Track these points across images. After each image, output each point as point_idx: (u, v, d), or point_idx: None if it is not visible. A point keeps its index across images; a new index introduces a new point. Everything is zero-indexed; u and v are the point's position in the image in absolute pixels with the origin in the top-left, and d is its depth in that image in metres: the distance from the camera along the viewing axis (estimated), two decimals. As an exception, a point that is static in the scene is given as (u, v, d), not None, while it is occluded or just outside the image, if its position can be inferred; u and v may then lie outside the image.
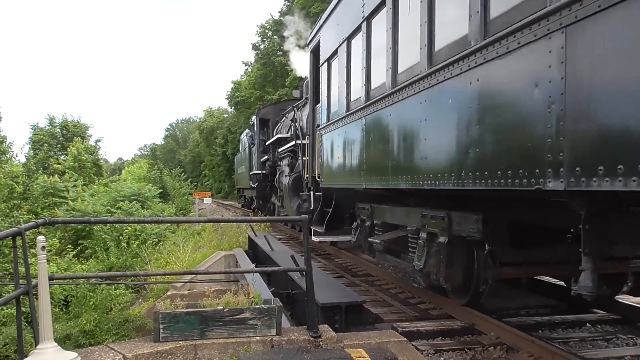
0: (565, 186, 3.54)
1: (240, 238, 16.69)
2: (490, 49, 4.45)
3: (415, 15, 5.94)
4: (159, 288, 13.86)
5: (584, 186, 3.39)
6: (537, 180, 3.83)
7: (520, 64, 4.10)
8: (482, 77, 4.62)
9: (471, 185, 4.77)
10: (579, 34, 3.45)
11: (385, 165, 7.07)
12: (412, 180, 6.07)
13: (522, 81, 4.10)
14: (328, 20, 10.19)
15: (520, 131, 4.08)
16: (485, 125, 4.58)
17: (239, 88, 57.09)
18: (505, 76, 4.36)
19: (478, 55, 4.63)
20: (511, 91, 4.30)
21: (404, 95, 6.32)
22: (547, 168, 3.73)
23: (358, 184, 8.33)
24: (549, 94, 3.70)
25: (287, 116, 18.50)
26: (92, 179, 38.52)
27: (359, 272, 10.27)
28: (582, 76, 3.44)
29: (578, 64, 3.47)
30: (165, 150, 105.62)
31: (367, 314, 6.49)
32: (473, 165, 4.74)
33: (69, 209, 25.18)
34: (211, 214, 33.61)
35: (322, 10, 9.54)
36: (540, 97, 3.80)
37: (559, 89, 3.60)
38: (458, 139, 5.05)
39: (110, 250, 18.18)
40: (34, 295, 4.39)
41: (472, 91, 4.77)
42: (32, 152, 44.43)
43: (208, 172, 78.70)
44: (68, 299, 13.90)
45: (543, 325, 6.20)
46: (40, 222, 4.73)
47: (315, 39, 11.32)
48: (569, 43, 3.53)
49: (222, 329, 4.87)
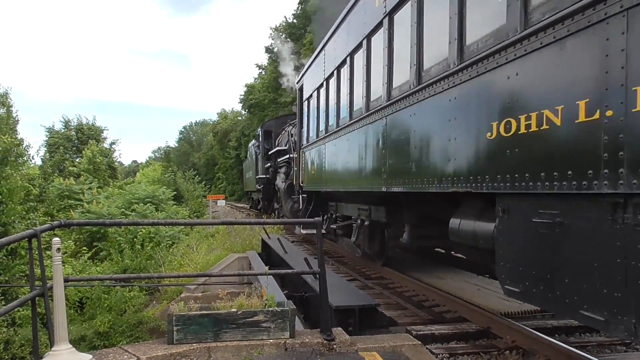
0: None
1: (253, 240, 16.70)
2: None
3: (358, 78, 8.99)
4: (172, 290, 13.93)
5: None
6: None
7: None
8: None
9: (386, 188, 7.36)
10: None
11: (339, 176, 10.30)
12: (355, 185, 9.13)
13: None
14: (308, 70, 13.85)
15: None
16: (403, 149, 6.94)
17: (252, 91, 57.28)
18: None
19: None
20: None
21: (341, 133, 10.00)
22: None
23: (323, 187, 11.76)
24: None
25: (286, 130, 21.60)
26: (107, 182, 38.81)
27: (373, 275, 10.22)
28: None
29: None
30: (179, 153, 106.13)
31: (381, 317, 6.45)
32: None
33: (84, 211, 25.41)
34: (225, 216, 33.71)
35: (334, 14, 11.59)
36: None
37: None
38: (374, 162, 7.99)
39: (125, 252, 18.29)
40: (49, 296, 4.41)
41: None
42: (48, 154, 44.81)
43: (222, 174, 78.93)
44: (83, 300, 14.02)
45: (560, 329, 6.12)
46: (55, 224, 4.76)
47: (301, 81, 14.93)
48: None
49: (235, 332, 4.86)
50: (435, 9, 5.89)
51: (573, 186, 3.62)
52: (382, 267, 10.14)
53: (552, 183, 3.84)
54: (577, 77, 3.66)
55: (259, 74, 58.85)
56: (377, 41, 7.97)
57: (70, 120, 47.77)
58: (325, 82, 11.36)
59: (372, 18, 8.05)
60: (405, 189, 6.57)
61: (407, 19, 6.68)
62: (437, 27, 5.80)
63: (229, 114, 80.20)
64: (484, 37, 4.90)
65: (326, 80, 11.28)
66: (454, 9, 5.34)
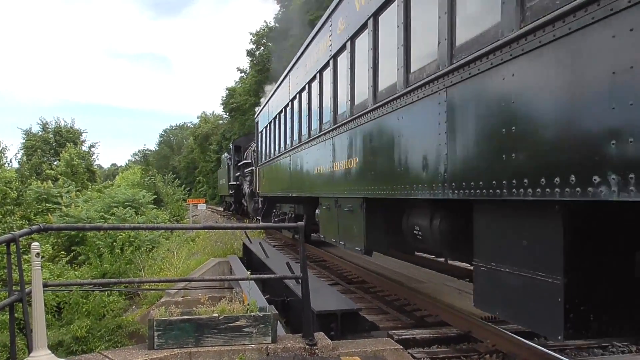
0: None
1: (234, 244, 16.61)
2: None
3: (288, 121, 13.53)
4: (152, 295, 13.78)
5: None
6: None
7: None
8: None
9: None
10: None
11: (278, 187, 15.25)
12: (286, 192, 13.49)
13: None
14: (261, 112, 19.74)
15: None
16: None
17: (233, 94, 57.09)
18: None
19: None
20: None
21: (278, 159, 14.96)
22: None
23: (270, 194, 17.02)
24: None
25: (251, 146, 26.33)
26: (86, 185, 38.31)
27: (355, 279, 10.24)
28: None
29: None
30: (159, 157, 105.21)
31: (363, 322, 6.47)
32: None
33: (62, 214, 25.00)
34: (205, 220, 33.50)
35: (317, 19, 14.07)
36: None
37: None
38: (293, 179, 12.63)
39: (104, 256, 18.05)
40: (27, 302, 4.34)
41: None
42: (25, 157, 44.12)
43: (202, 178, 78.41)
44: (61, 305, 13.79)
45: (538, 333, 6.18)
46: (34, 228, 4.69)
47: (257, 118, 21.08)
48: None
49: (217, 337, 4.84)
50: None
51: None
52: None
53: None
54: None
55: (240, 77, 58.76)
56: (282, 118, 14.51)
57: (48, 123, 47.17)
58: (270, 124, 16.75)
59: (302, 80, 11.57)
60: (300, 194, 11.71)
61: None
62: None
63: (210, 118, 79.79)
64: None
65: (270, 122, 16.74)
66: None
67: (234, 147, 32.63)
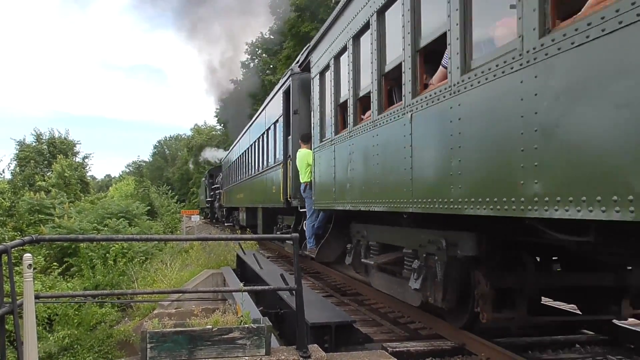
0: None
1: (228, 256, 16.53)
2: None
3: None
4: (145, 307, 13.69)
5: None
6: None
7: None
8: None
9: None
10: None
11: (233, 200, 28.17)
12: (241, 205, 25.02)
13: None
14: (223, 159, 36.53)
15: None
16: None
17: (227, 106, 57.13)
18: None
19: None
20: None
21: (232, 187, 28.62)
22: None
23: (229, 205, 29.79)
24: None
25: (220, 175, 38.86)
26: (79, 196, 38.11)
27: (349, 291, 10.21)
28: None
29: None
30: (153, 168, 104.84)
31: (357, 334, 6.43)
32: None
33: (55, 226, 24.90)
34: (199, 232, 33.43)
35: (311, 31, 16.06)
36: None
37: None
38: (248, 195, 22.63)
39: (97, 268, 17.95)
40: (18, 314, 4.30)
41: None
42: (18, 168, 43.83)
43: (196, 189, 78.21)
44: (52, 317, 13.69)
45: (533, 346, 6.17)
46: (27, 239, 4.65)
47: (222, 161, 37.86)
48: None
49: (210, 349, 4.79)
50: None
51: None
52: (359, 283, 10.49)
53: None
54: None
55: (234, 88, 58.81)
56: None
57: (42, 134, 46.94)
58: (229, 167, 28.50)
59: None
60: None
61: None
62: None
63: (204, 129, 79.74)
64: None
65: (229, 166, 28.58)
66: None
67: (208, 174, 47.65)
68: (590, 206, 3.08)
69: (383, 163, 6.52)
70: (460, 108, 4.58)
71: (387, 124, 6.31)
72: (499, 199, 3.98)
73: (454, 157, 4.62)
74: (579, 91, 3.23)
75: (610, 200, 2.96)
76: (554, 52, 3.41)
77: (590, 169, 3.12)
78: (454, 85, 4.68)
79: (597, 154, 3.09)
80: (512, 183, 3.83)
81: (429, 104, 5.16)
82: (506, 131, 3.93)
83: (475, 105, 4.40)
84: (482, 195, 4.22)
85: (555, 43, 3.40)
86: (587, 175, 3.13)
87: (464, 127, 4.51)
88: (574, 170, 3.24)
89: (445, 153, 4.80)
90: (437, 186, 5.02)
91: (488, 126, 4.20)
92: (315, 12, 35.00)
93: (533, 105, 3.59)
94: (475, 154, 4.35)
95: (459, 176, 4.55)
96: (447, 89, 4.79)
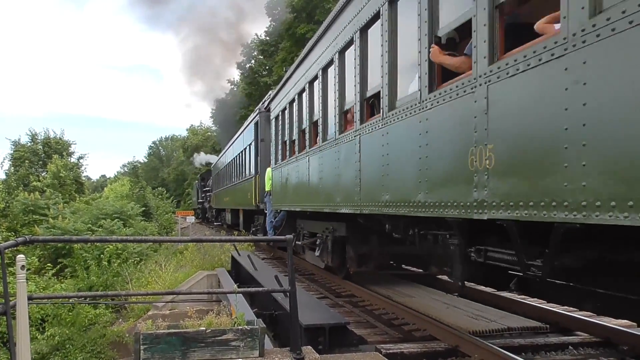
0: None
1: (223, 257, 16.52)
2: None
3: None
4: (139, 308, 13.67)
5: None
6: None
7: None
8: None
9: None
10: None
11: (221, 202, 33.25)
12: (225, 206, 30.95)
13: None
14: (213, 165, 41.29)
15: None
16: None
17: (223, 107, 57.11)
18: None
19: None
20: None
21: (219, 192, 33.89)
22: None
23: (218, 207, 35.66)
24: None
25: (211, 178, 41.77)
26: (73, 197, 37.99)
27: (343, 292, 10.21)
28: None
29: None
30: (148, 168, 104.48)
31: (351, 336, 6.44)
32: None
33: (49, 226, 24.84)
34: (194, 233, 33.38)
35: (307, 32, 16.58)
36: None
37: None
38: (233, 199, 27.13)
39: (91, 269, 17.90)
40: (11, 315, 4.29)
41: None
42: (13, 168, 43.66)
43: (191, 190, 78.11)
44: (45, 318, 13.64)
45: (526, 348, 6.19)
46: (20, 240, 4.64)
47: (211, 167, 42.83)
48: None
49: (204, 351, 4.80)
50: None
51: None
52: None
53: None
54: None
55: (230, 89, 58.80)
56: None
57: (37, 134, 46.74)
58: (217, 174, 33.52)
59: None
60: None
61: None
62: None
63: (199, 130, 79.64)
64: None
65: (216, 173, 33.23)
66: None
67: (200, 177, 51.88)
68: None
69: (305, 181, 10.74)
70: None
71: (300, 159, 11.20)
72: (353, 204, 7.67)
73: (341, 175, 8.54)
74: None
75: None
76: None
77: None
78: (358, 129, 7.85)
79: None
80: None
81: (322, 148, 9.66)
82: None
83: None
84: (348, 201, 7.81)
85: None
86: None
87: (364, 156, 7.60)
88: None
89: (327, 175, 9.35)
90: (328, 195, 8.99)
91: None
92: (311, 13, 35.03)
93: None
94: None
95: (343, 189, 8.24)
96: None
